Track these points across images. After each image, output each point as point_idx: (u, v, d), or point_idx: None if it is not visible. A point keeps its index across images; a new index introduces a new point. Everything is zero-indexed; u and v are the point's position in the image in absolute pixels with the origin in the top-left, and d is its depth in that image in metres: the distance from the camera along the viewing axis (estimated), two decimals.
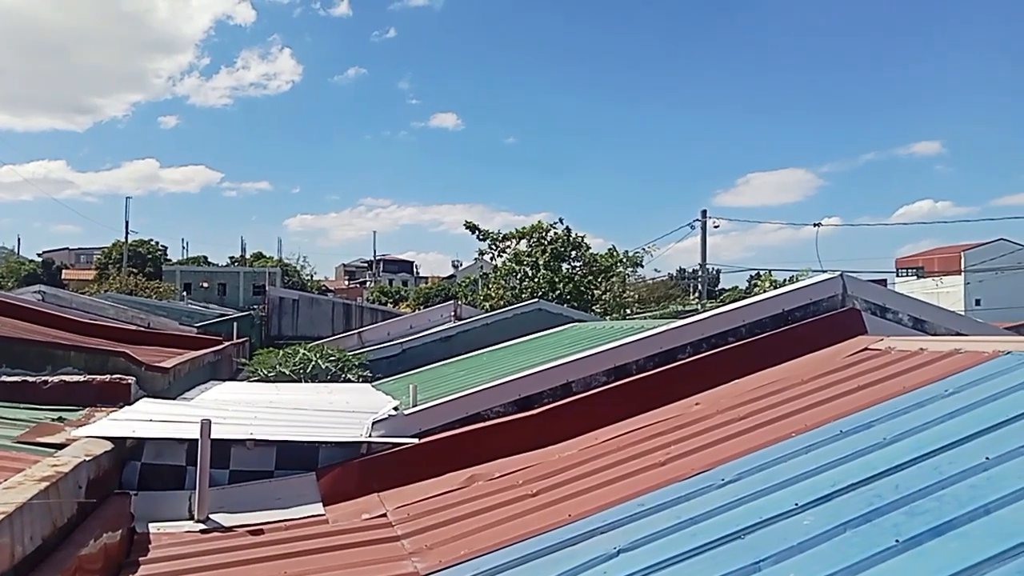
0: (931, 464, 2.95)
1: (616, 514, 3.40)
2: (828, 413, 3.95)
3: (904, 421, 3.49)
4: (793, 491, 3.07)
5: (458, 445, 4.82)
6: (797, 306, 5.63)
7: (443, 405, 5.18)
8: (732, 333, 5.62)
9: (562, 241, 27.08)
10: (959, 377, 3.85)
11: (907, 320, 5.65)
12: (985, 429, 3.08)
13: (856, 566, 2.33)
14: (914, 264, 56.13)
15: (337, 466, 4.66)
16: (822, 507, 2.85)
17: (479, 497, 4.17)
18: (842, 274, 5.72)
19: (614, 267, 28.21)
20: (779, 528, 2.79)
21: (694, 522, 3.08)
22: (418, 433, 4.93)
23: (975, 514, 2.45)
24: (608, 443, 4.63)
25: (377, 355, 13.35)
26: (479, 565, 3.23)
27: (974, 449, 2.95)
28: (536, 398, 5.32)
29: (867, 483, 2.94)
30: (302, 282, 68.30)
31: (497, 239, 28.20)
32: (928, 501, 2.65)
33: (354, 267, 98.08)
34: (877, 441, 3.33)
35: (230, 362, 13.77)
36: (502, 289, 26.75)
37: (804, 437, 3.68)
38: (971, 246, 52.03)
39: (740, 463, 3.60)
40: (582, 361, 5.55)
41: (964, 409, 3.40)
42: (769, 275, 35.81)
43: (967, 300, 48.99)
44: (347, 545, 3.77)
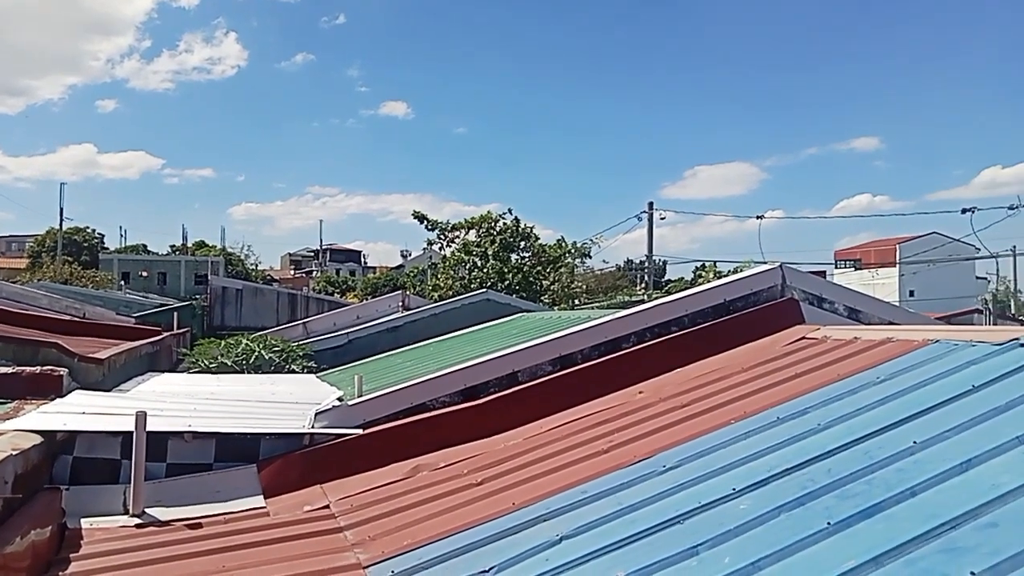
0: (862, 449, 3.04)
1: (559, 502, 3.42)
2: (766, 400, 4.04)
3: (838, 407, 3.60)
4: (731, 476, 3.14)
5: (402, 436, 4.79)
6: (738, 296, 5.74)
7: (388, 395, 5.14)
8: (675, 322, 5.70)
9: (511, 232, 27.09)
10: (890, 365, 3.98)
11: (843, 310, 5.82)
12: (913, 415, 3.20)
13: (788, 548, 2.39)
14: (852, 256, 57.81)
15: (279, 458, 4.59)
16: (758, 492, 2.92)
17: (423, 487, 4.16)
18: (781, 265, 5.86)
19: (562, 258, 28.35)
20: (716, 513, 2.84)
21: (635, 508, 3.12)
22: (362, 424, 4.89)
23: (902, 496, 2.54)
24: (553, 432, 4.66)
25: (322, 346, 13.17)
26: (422, 555, 3.22)
27: (903, 434, 3.05)
28: (482, 388, 5.32)
29: (801, 468, 3.02)
30: (246, 271, 66.92)
31: (446, 229, 28.05)
32: (858, 485, 2.74)
33: (300, 256, 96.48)
34: (812, 427, 3.42)
35: (170, 353, 13.41)
36: (451, 279, 26.63)
37: (743, 424, 3.76)
38: (906, 239, 53.82)
39: (681, 450, 3.67)
40: (528, 351, 5.57)
41: (894, 396, 3.52)
42: (714, 267, 36.48)
43: (902, 291, 50.75)
44: (288, 537, 3.72)
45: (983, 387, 3.27)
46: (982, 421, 2.93)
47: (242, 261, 71.66)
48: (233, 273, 59.84)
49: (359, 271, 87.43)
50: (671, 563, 2.56)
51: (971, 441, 2.79)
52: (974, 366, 3.56)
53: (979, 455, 2.65)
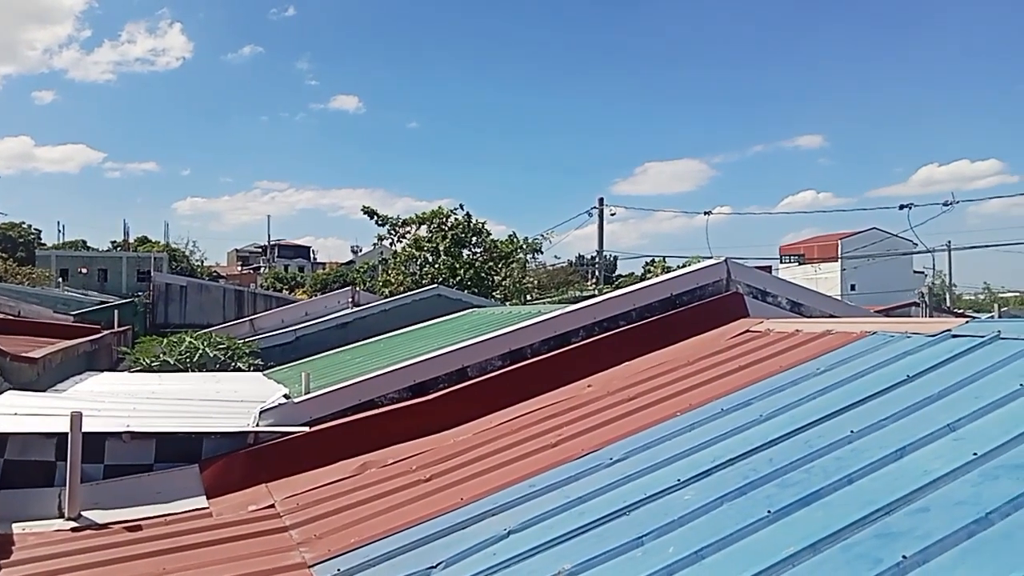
0: (803, 438, 3.11)
1: (508, 496, 3.42)
2: (711, 392, 4.11)
3: (780, 398, 3.68)
4: (676, 468, 3.18)
5: (350, 432, 4.74)
6: (684, 290, 5.82)
7: (335, 392, 5.08)
8: (623, 317, 5.75)
9: (463, 227, 27.00)
10: (830, 356, 4.08)
11: (785, 303, 5.95)
12: (851, 404, 3.28)
13: (730, 537, 2.44)
14: (796, 251, 59.26)
15: (222, 457, 4.49)
16: (702, 482, 2.96)
17: (371, 484, 4.11)
18: (726, 260, 5.96)
19: (514, 253, 28.39)
20: (662, 504, 2.88)
21: (582, 501, 3.14)
22: (309, 421, 4.81)
23: (839, 484, 2.60)
24: (502, 426, 4.66)
25: (270, 343, 12.94)
26: (369, 552, 3.19)
27: (841, 423, 3.13)
28: (431, 383, 5.29)
29: (744, 458, 3.07)
30: (191, 268, 65.34)
31: (397, 224, 27.84)
32: (798, 473, 2.80)
33: (248, 252, 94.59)
34: (755, 418, 3.49)
35: (110, 352, 13.03)
36: (402, 275, 26.43)
37: (688, 416, 3.82)
38: (847, 234, 55.31)
39: (628, 442, 3.70)
40: (477, 346, 5.55)
41: (833, 386, 3.61)
42: (663, 262, 37.00)
43: (843, 285, 52.12)
44: (231, 538, 3.64)
45: (917, 377, 3.37)
46: (916, 410, 3.03)
47: (187, 257, 69.96)
48: (177, 269, 58.36)
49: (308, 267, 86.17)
50: (617, 554, 2.59)
51: (905, 429, 2.88)
52: (909, 357, 3.67)
53: (912, 443, 2.73)
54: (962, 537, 2.08)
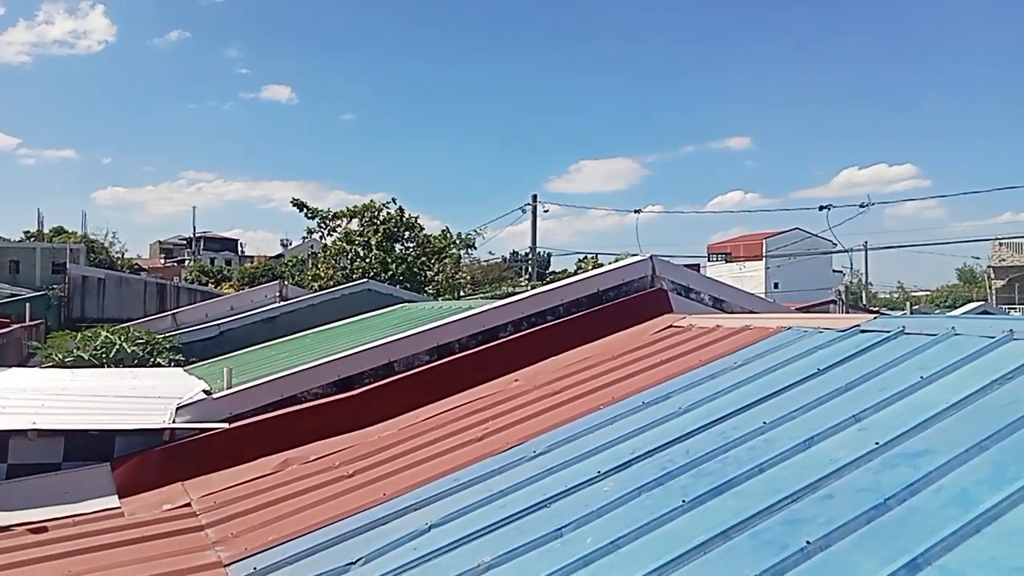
0: (718, 430, 3.20)
1: (431, 490, 3.41)
2: (634, 386, 4.18)
3: (698, 392, 3.77)
4: (597, 460, 3.23)
5: (272, 429, 4.64)
6: (611, 286, 5.91)
7: (257, 387, 4.97)
8: (551, 312, 5.80)
9: (395, 221, 26.68)
10: (748, 351, 4.21)
11: (708, 299, 6.10)
12: (765, 397, 3.39)
13: (646, 526, 2.49)
14: (723, 250, 60.84)
15: (136, 455, 4.34)
16: (621, 474, 3.01)
17: (292, 481, 4.04)
18: (651, 257, 6.07)
19: (447, 248, 28.24)
20: (582, 495, 2.91)
21: (504, 494, 3.15)
22: (229, 417, 4.70)
23: (751, 473, 2.69)
24: (428, 421, 4.64)
25: (192, 338, 12.54)
26: (288, 550, 3.13)
27: (754, 415, 3.23)
28: (357, 378, 5.23)
29: (662, 449, 3.14)
30: (111, 260, 62.73)
31: (327, 218, 27.30)
32: (713, 463, 2.88)
33: (172, 245, 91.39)
34: (674, 410, 3.57)
35: (19, 346, 12.43)
36: (331, 269, 25.95)
37: (610, 409, 3.88)
38: (772, 234, 57.05)
39: (551, 435, 3.74)
40: (405, 340, 5.52)
41: (749, 379, 3.72)
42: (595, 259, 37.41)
43: (767, 283, 53.79)
44: (144, 538, 3.52)
45: (827, 370, 3.51)
46: (825, 401, 3.15)
47: (106, 249, 67.12)
48: (96, 262, 55.91)
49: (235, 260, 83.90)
50: (536, 546, 2.61)
51: (814, 420, 2.99)
52: (820, 351, 3.81)
53: (820, 432, 2.84)
54: (862, 522, 2.17)
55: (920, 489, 2.24)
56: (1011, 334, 3.20)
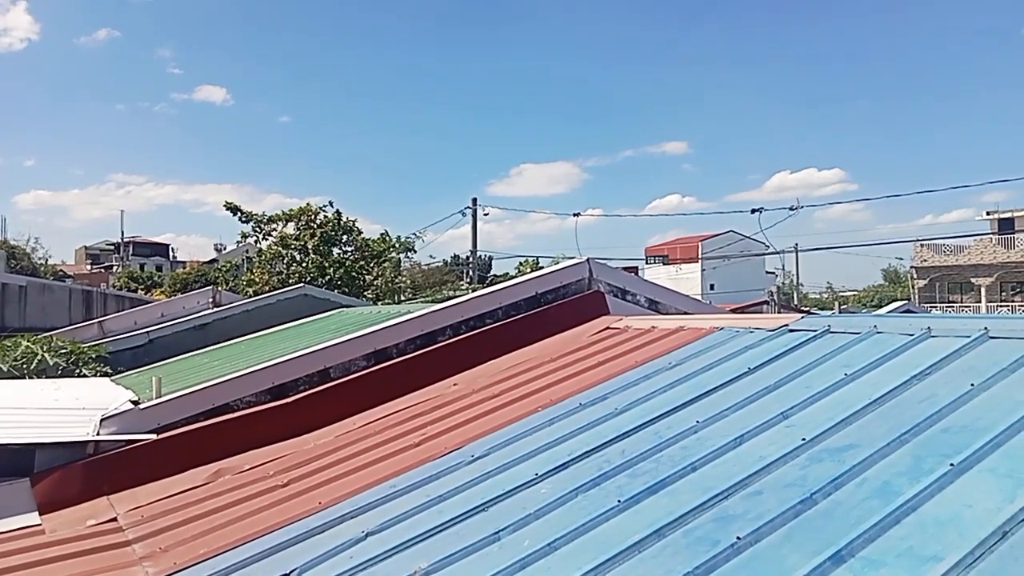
0: (653, 430, 3.25)
1: (368, 498, 3.37)
2: (571, 388, 4.21)
3: (634, 392, 3.82)
4: (534, 462, 3.24)
5: (203, 439, 4.51)
6: (549, 289, 5.94)
7: (186, 397, 4.82)
8: (490, 315, 5.80)
9: (333, 225, 26.31)
10: (681, 351, 4.28)
11: (644, 301, 6.19)
12: (697, 396, 3.46)
13: (583, 527, 2.50)
14: (661, 252, 61.83)
15: (57, 469, 4.16)
16: (558, 475, 3.03)
17: (224, 492, 3.94)
18: (588, 260, 6.13)
19: (387, 252, 27.99)
20: (519, 498, 2.92)
21: (443, 499, 3.13)
22: (156, 428, 4.54)
23: (684, 472, 2.74)
24: (365, 428, 4.58)
25: (120, 346, 12.09)
26: (218, 563, 3.05)
27: (688, 414, 3.29)
28: (291, 386, 5.13)
29: (598, 450, 3.17)
30: (33, 267, 60.13)
31: (262, 221, 26.72)
32: (648, 463, 2.92)
33: (99, 250, 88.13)
34: (610, 411, 3.60)
35: None
36: (267, 274, 25.42)
37: (548, 411, 3.90)
38: (707, 236, 58.33)
39: (490, 439, 3.73)
40: (341, 346, 5.43)
41: (683, 379, 3.79)
42: (536, 262, 37.65)
43: (703, 284, 54.93)
44: (66, 556, 3.38)
45: (757, 369, 3.60)
46: (754, 400, 3.23)
47: (28, 255, 64.29)
48: (17, 268, 53.50)
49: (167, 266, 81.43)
50: (474, 550, 2.60)
51: (744, 418, 3.06)
52: (751, 350, 3.91)
53: (750, 430, 2.91)
54: (790, 517, 2.23)
55: (844, 483, 2.32)
56: (928, 331, 3.34)
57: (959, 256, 45.43)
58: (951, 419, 2.54)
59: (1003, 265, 43.33)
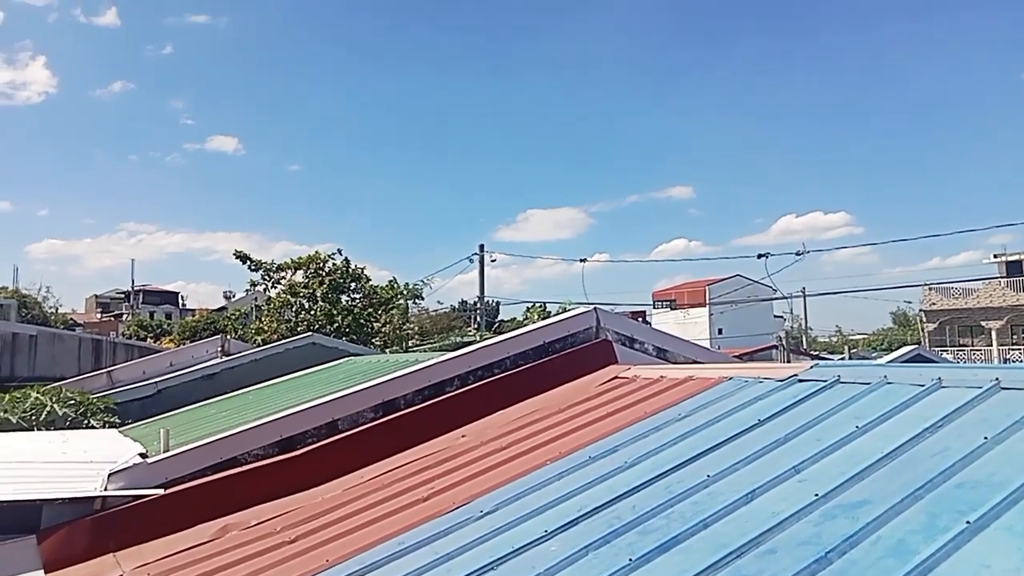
0: (664, 484, 3.21)
1: (376, 555, 3.33)
2: (580, 440, 4.18)
3: (644, 444, 3.79)
4: (544, 518, 3.20)
5: (210, 493, 4.49)
6: (557, 338, 5.94)
7: (194, 450, 4.80)
8: (498, 365, 5.79)
9: (341, 272, 26.48)
10: (691, 402, 4.26)
11: (652, 350, 6.18)
12: (708, 449, 3.43)
13: None
14: (668, 297, 61.80)
15: (64, 526, 4.14)
16: (568, 532, 2.99)
17: (232, 548, 3.90)
18: (596, 308, 6.14)
19: (394, 299, 28.08)
20: (528, 556, 2.88)
21: (451, 557, 3.09)
22: (164, 483, 4.52)
23: (696, 528, 2.70)
24: (373, 481, 4.55)
25: (128, 396, 12.11)
26: None
27: (698, 468, 3.26)
28: (299, 438, 5.11)
29: (609, 505, 3.13)
30: (44, 315, 60.49)
31: (271, 269, 26.92)
32: (659, 519, 2.88)
33: (108, 298, 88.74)
34: (620, 464, 3.57)
35: None
36: (276, 322, 25.50)
37: (557, 464, 3.86)
38: (714, 281, 58.36)
39: (498, 493, 3.70)
40: (349, 397, 5.42)
41: (693, 431, 3.76)
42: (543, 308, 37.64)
43: (711, 329, 54.78)
44: None
45: (767, 421, 3.57)
46: (765, 453, 3.20)
47: (39, 304, 64.74)
48: (28, 317, 53.84)
49: (176, 314, 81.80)
50: None
51: (756, 472, 3.03)
52: (760, 401, 3.89)
53: (762, 485, 2.88)
54: None
55: (859, 541, 2.28)
56: (939, 382, 3.31)
57: (968, 299, 45.27)
58: (965, 474, 2.51)
59: (1013, 308, 43.12)
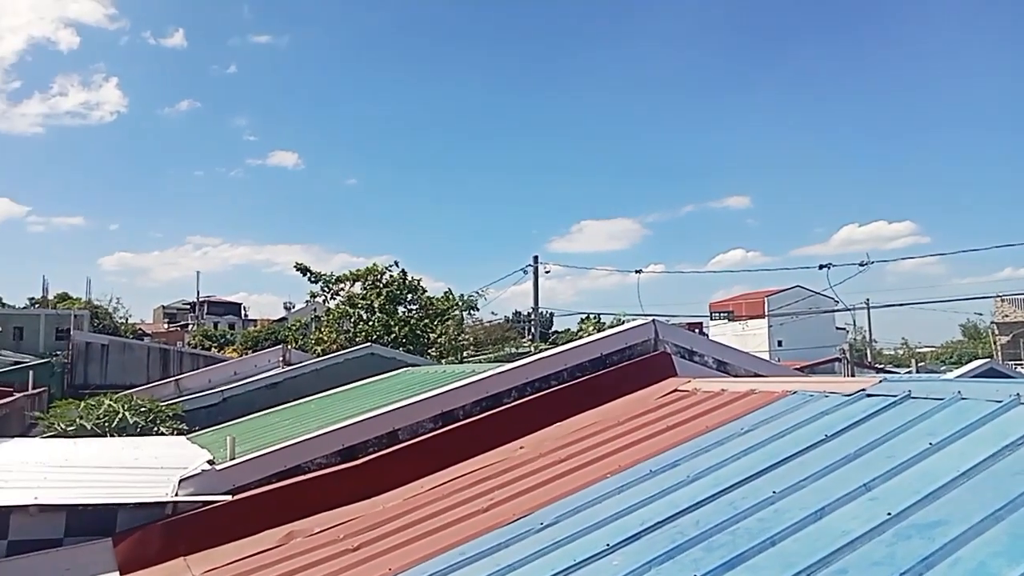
0: (727, 500, 3.16)
1: (437, 565, 3.35)
2: (640, 453, 4.14)
3: (706, 459, 3.74)
4: (605, 532, 3.18)
5: (275, 500, 4.59)
6: (614, 350, 5.91)
7: (260, 458, 4.93)
8: (555, 376, 5.79)
9: (398, 284, 26.88)
10: (754, 416, 4.18)
11: (712, 362, 6.09)
12: (773, 465, 3.36)
13: None
14: (725, 308, 60.76)
15: (138, 530, 4.29)
16: (630, 547, 2.96)
17: (296, 555, 3.98)
18: (654, 320, 6.09)
19: (450, 310, 28.34)
20: (590, 570, 2.86)
21: (512, 568, 3.09)
22: (232, 489, 4.65)
23: (763, 546, 2.64)
24: (433, 491, 4.59)
25: (195, 404, 12.48)
26: None
27: (763, 484, 3.20)
28: (361, 447, 5.19)
29: (671, 520, 3.09)
30: (114, 325, 62.85)
31: (330, 281, 27.48)
32: (724, 535, 2.84)
33: (175, 309, 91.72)
34: (682, 479, 3.53)
35: (21, 416, 12.37)
36: (335, 333, 26.00)
37: (618, 478, 3.84)
38: (773, 292, 57.17)
39: (558, 506, 3.69)
40: (409, 408, 5.49)
41: (756, 446, 3.69)
42: (597, 319, 37.48)
43: (770, 341, 53.62)
44: None
45: (835, 436, 3.48)
46: (834, 469, 3.12)
47: (110, 314, 67.32)
48: (100, 327, 56.01)
49: (239, 324, 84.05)
50: None
51: (824, 490, 2.96)
52: (827, 416, 3.79)
53: (831, 503, 2.80)
54: None
55: (936, 563, 2.21)
56: (1018, 398, 3.19)
57: None
58: None
59: None
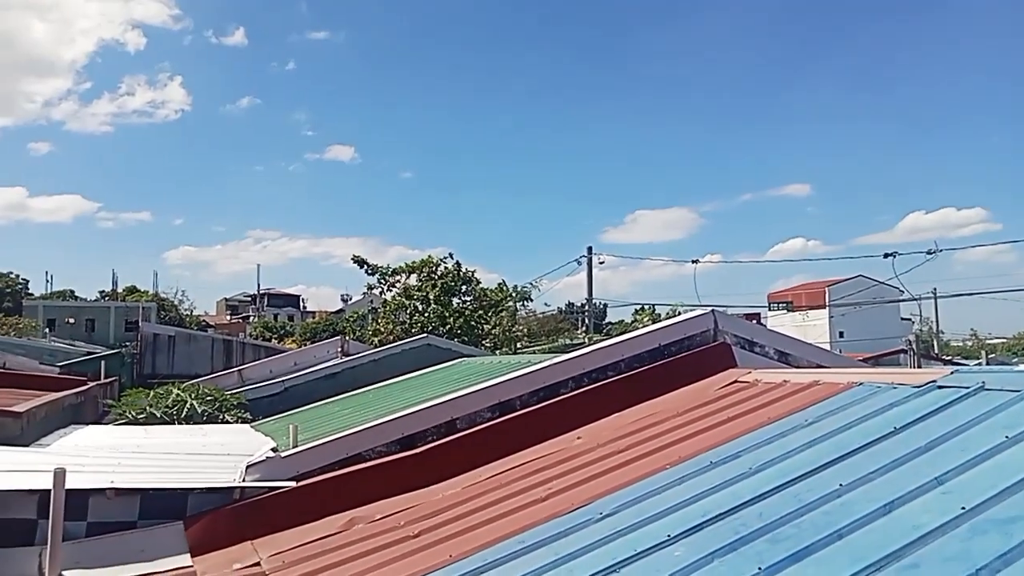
0: (792, 492, 3.10)
1: (497, 552, 3.38)
2: (700, 444, 4.10)
3: (768, 451, 3.67)
4: (666, 523, 3.16)
5: (338, 487, 4.69)
6: (672, 341, 5.85)
7: (322, 446, 5.04)
8: (612, 367, 5.76)
9: (452, 276, 27.12)
10: (818, 407, 4.09)
11: (773, 353, 5.97)
12: (839, 457, 3.28)
13: None
14: (784, 299, 59.44)
15: (207, 514, 4.43)
16: (692, 537, 2.94)
17: (358, 540, 4.06)
18: (712, 310, 6.00)
19: (504, 301, 28.46)
20: (652, 560, 2.85)
21: (572, 557, 3.10)
22: (295, 476, 4.76)
23: (830, 539, 2.59)
24: (491, 480, 4.62)
25: (258, 394, 12.84)
26: None
27: (829, 476, 3.13)
28: (420, 436, 5.26)
29: (734, 512, 3.05)
30: (180, 317, 64.99)
31: (387, 274, 27.88)
32: (788, 528, 2.79)
33: (237, 301, 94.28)
34: (744, 471, 3.48)
35: (95, 404, 12.88)
36: (391, 324, 26.39)
37: (678, 469, 3.80)
38: (835, 282, 55.66)
39: (618, 496, 3.67)
40: (466, 398, 5.54)
41: (821, 438, 3.61)
42: (652, 310, 37.09)
43: (832, 332, 52.30)
44: None
45: (904, 429, 3.38)
46: (904, 463, 3.03)
47: (175, 307, 69.62)
48: (166, 319, 57.99)
49: (298, 316, 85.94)
50: None
51: (893, 482, 2.88)
52: (895, 408, 3.69)
53: (901, 496, 2.73)
54: None
55: (1015, 559, 2.13)
56: None
57: None
58: None
59: None
